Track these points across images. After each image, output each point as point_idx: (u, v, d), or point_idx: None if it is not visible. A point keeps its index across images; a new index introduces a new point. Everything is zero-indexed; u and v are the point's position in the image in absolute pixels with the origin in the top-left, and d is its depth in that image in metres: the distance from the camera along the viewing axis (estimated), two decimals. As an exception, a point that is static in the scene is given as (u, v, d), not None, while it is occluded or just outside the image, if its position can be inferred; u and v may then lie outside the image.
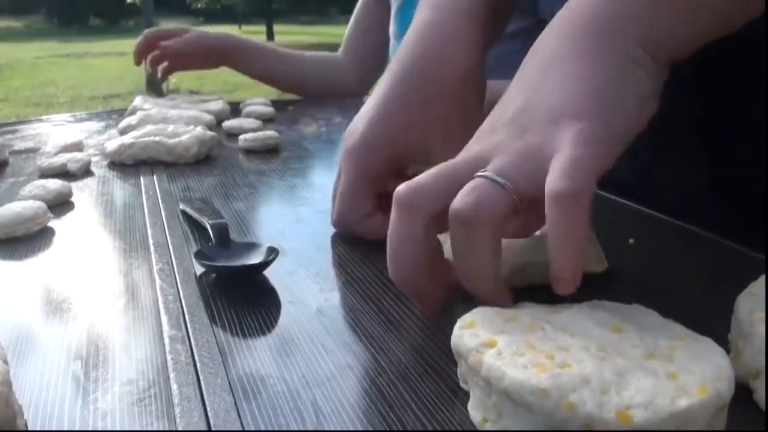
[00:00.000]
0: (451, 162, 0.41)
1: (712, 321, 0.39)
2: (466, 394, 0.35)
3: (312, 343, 0.41)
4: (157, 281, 0.50)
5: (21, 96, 9.63)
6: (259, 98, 1.29)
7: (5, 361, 0.36)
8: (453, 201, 0.38)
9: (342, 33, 1.46)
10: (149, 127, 0.92)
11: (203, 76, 11.87)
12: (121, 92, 9.82)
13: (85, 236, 0.62)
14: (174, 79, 1.37)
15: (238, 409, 0.34)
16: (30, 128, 1.18)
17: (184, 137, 0.86)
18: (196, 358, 0.39)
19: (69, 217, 0.68)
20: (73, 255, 0.58)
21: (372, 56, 1.37)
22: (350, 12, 1.45)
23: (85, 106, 8.73)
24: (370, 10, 1.40)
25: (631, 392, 0.30)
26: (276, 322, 0.44)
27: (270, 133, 0.93)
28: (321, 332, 0.42)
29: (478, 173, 0.38)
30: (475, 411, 0.33)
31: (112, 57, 14.67)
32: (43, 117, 1.29)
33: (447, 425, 0.33)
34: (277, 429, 0.33)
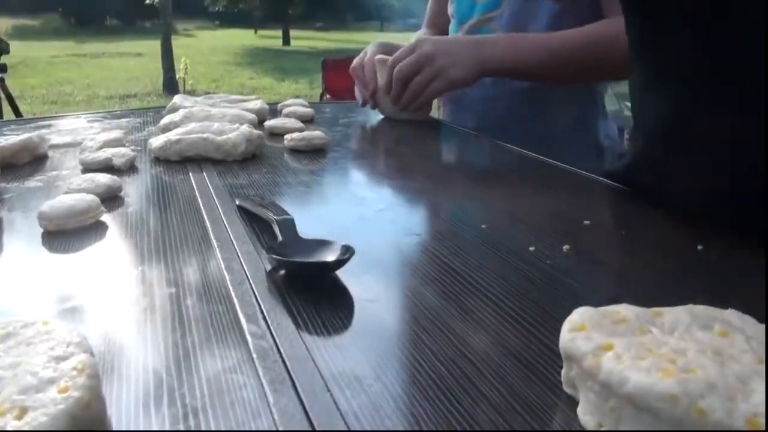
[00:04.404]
0: None
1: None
2: (570, 398, 0.34)
3: (399, 341, 0.40)
4: (227, 276, 0.49)
5: (37, 94, 9.68)
6: (297, 99, 1.29)
7: (92, 354, 0.35)
8: None
9: (357, 39, 1.49)
10: (193, 125, 0.91)
11: (219, 79, 11.93)
12: (138, 92, 9.86)
13: (141, 231, 0.61)
14: (191, 80, 1.38)
15: (339, 409, 0.33)
16: (65, 123, 1.17)
17: (232, 135, 0.85)
18: (284, 356, 0.38)
19: (121, 211, 0.66)
20: (131, 249, 0.56)
21: (448, 24, 1.43)
22: (365, 19, 1.49)
23: (101, 105, 8.77)
24: None
25: (756, 400, 0.29)
26: (358, 319, 0.43)
27: (317, 133, 0.92)
28: (407, 331, 0.41)
29: None
30: (587, 416, 0.32)
31: (129, 57, 14.74)
32: (80, 113, 1.29)
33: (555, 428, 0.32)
34: (383, 429, 0.32)
